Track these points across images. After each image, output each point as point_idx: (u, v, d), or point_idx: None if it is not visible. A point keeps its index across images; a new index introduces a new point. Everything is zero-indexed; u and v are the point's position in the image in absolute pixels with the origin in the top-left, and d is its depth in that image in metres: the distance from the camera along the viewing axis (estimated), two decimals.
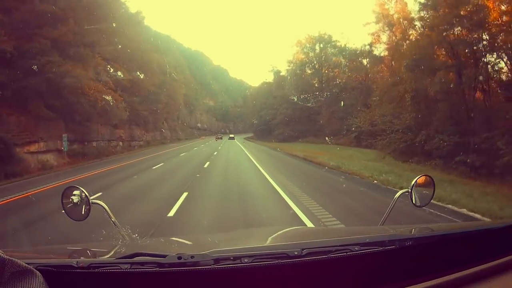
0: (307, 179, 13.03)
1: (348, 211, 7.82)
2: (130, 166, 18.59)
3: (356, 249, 1.16)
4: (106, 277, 1.04)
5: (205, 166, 17.86)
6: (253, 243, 1.69)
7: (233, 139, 59.42)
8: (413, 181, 1.79)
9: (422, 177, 1.82)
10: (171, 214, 7.28)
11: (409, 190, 1.79)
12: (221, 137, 62.73)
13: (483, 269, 1.21)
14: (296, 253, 1.10)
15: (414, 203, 1.79)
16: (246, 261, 1.07)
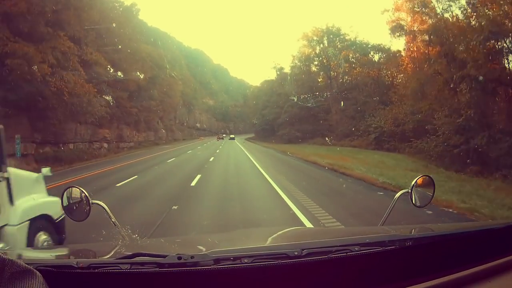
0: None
1: None
2: (89, 180, 13.46)
3: (356, 249, 1.16)
4: (106, 277, 1.04)
5: (193, 183, 11.67)
6: (253, 243, 1.69)
7: (233, 139, 59.75)
8: (413, 181, 1.80)
9: (422, 177, 1.82)
10: None
11: (409, 190, 1.79)
12: (223, 137, 63.71)
13: (483, 269, 1.21)
14: (296, 254, 1.10)
15: (414, 203, 1.79)
16: (246, 261, 1.07)
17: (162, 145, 42.09)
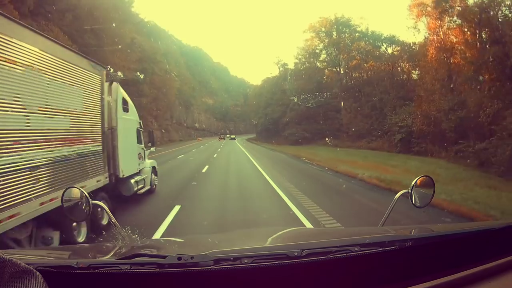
0: None
1: None
2: None
3: (356, 249, 1.16)
4: (106, 277, 1.04)
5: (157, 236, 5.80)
6: (253, 243, 1.69)
7: (234, 139, 59.88)
8: (413, 182, 1.79)
9: (422, 177, 1.82)
10: None
11: (409, 190, 1.78)
12: (224, 138, 64.34)
13: (483, 269, 1.21)
14: (296, 254, 1.10)
15: (414, 203, 1.79)
16: (246, 261, 1.07)
17: (148, 148, 38.42)
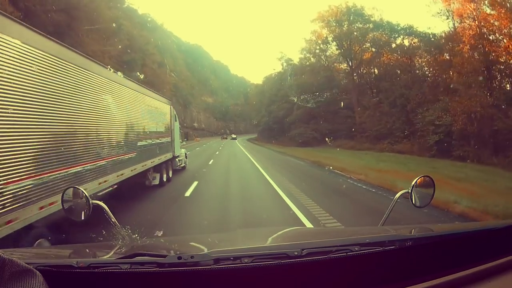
0: None
1: None
2: None
3: (356, 249, 1.16)
4: (106, 277, 1.04)
5: None
6: (253, 243, 1.69)
7: (235, 139, 60.12)
8: (413, 182, 1.79)
9: (422, 177, 1.81)
10: None
11: (409, 190, 1.78)
12: (226, 137, 66.10)
13: (483, 269, 1.21)
14: (296, 254, 1.10)
15: (414, 203, 1.79)
16: (246, 261, 1.07)
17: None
